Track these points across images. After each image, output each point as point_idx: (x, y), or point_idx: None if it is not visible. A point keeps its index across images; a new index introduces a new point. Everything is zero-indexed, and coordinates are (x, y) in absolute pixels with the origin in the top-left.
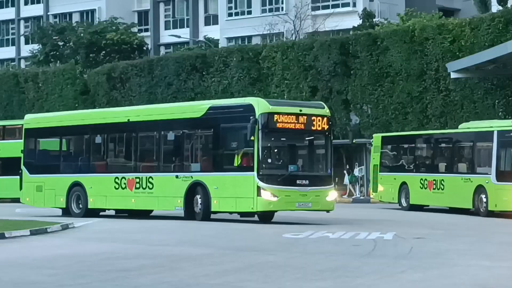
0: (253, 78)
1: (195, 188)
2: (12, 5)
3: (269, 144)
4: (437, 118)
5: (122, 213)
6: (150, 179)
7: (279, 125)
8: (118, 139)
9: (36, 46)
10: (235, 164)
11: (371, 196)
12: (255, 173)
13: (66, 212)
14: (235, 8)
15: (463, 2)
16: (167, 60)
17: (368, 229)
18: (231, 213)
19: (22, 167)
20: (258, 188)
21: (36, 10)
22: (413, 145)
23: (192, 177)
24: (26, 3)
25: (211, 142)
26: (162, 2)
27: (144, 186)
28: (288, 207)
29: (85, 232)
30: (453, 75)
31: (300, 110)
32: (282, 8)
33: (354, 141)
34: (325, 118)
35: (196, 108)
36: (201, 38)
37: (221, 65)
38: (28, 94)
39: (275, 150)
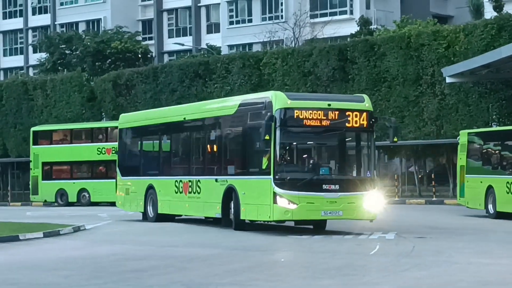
0: (254, 84)
1: (230, 193)
2: (20, 15)
3: (288, 144)
4: (433, 121)
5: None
6: (198, 183)
7: (300, 122)
8: (177, 138)
9: (44, 55)
10: (263, 166)
11: (458, 201)
12: (271, 177)
13: (145, 217)
14: (236, 16)
15: (456, 9)
16: (171, 67)
17: (370, 230)
18: (266, 221)
19: (117, 169)
20: (274, 194)
21: (44, 20)
22: (499, 142)
23: (227, 181)
24: (34, 13)
25: (241, 142)
26: (166, 11)
27: (194, 191)
28: (311, 216)
29: (96, 234)
30: (448, 80)
31: (329, 105)
32: (282, 16)
33: None
34: (364, 113)
35: (229, 104)
36: (203, 45)
37: (223, 71)
38: (37, 101)
39: (296, 151)
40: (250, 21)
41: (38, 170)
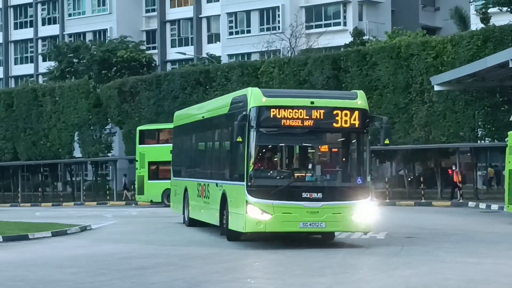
0: None
1: (225, 200)
2: (31, 26)
3: (263, 147)
4: (422, 127)
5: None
6: (208, 187)
7: (277, 122)
8: (197, 138)
9: (52, 63)
10: (240, 171)
11: (507, 209)
12: (244, 183)
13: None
14: (236, 27)
15: (444, 21)
16: (173, 75)
17: None
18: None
19: (171, 169)
20: (246, 202)
21: (53, 30)
22: None
23: (222, 186)
24: (43, 24)
25: (230, 143)
26: (169, 22)
27: (205, 195)
28: (288, 227)
29: (101, 234)
30: (436, 88)
31: (312, 103)
32: (279, 27)
33: None
34: (356, 112)
35: (224, 102)
36: (204, 55)
37: (223, 79)
38: (46, 107)
39: (274, 155)
40: (248, 31)
41: (144, 170)
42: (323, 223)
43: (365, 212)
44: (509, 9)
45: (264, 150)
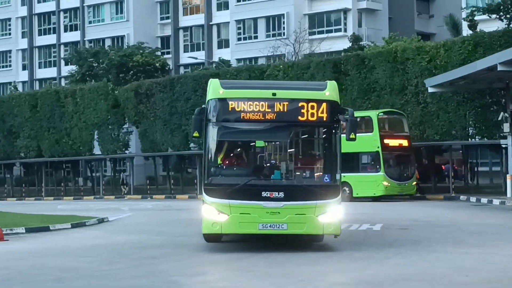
0: None
1: None
2: (54, 32)
3: (222, 143)
4: (417, 126)
5: None
6: None
7: (236, 116)
8: None
9: (74, 67)
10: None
11: None
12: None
13: None
14: (244, 33)
15: (438, 27)
16: (186, 78)
17: (359, 221)
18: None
19: None
20: (203, 202)
21: (74, 36)
22: None
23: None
24: (65, 30)
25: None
26: (182, 29)
27: None
28: (246, 229)
29: (117, 226)
30: (430, 90)
31: (274, 94)
32: (284, 33)
33: None
34: (324, 104)
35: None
36: (215, 59)
37: None
38: (68, 108)
39: (233, 151)
40: (256, 37)
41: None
42: (284, 224)
43: (333, 213)
44: (497, 16)
45: (222, 146)
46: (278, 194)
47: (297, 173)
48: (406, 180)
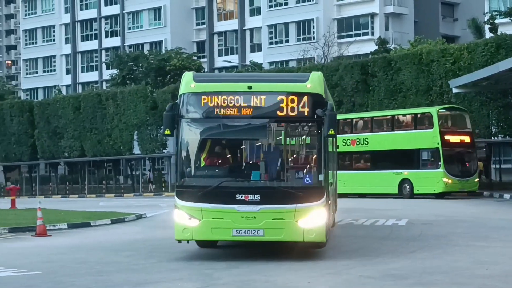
0: None
1: None
2: (95, 38)
3: (193, 141)
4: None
5: None
6: None
7: (209, 111)
8: None
9: (114, 71)
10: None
11: None
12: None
13: None
14: (275, 37)
15: (462, 30)
16: None
17: (386, 217)
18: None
19: None
20: (175, 207)
21: (115, 42)
22: None
23: None
24: (106, 36)
25: None
26: (216, 34)
27: None
28: (219, 235)
29: (155, 221)
30: (454, 90)
31: (250, 87)
32: (314, 37)
33: None
34: (305, 97)
35: None
36: (248, 62)
37: None
38: (109, 109)
39: (206, 150)
40: (287, 41)
41: None
42: (260, 230)
43: (315, 217)
44: None
45: (193, 145)
46: (254, 197)
47: (275, 174)
48: (467, 176)
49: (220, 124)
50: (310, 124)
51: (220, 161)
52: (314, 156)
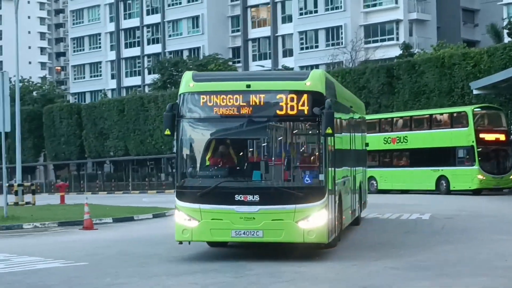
0: None
1: None
2: (138, 45)
3: (193, 141)
4: None
5: None
6: None
7: (209, 111)
8: None
9: (156, 76)
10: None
11: None
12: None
13: None
14: (306, 43)
15: (482, 35)
16: None
17: (410, 211)
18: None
19: None
20: (175, 207)
21: (156, 48)
22: None
23: None
24: (148, 43)
25: None
26: (250, 40)
27: None
28: (218, 236)
29: None
30: (475, 92)
31: (248, 86)
32: (342, 42)
33: None
34: (305, 96)
35: None
36: (280, 67)
37: None
38: (151, 112)
39: (206, 150)
40: (316, 47)
41: None
42: (260, 231)
43: (316, 218)
44: None
45: (193, 145)
46: (253, 198)
47: (275, 173)
48: (502, 173)
49: (219, 123)
50: (310, 122)
51: (219, 161)
52: (315, 156)
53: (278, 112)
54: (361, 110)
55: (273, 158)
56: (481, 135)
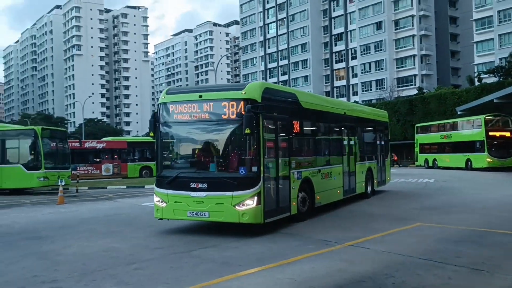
0: None
1: None
2: None
3: (167, 141)
4: None
5: None
6: None
7: (176, 117)
8: None
9: None
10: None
11: None
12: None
13: None
14: (365, 88)
15: (462, 81)
16: None
17: (422, 177)
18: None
19: None
20: (155, 193)
21: None
22: None
23: None
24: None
25: None
26: (335, 88)
27: None
28: (178, 215)
29: None
30: (459, 113)
31: (200, 96)
32: (384, 87)
33: None
34: (242, 102)
35: None
36: (352, 101)
37: None
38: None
39: (174, 148)
40: (371, 90)
41: (417, 148)
42: (206, 212)
43: (249, 203)
44: (493, 75)
45: (165, 144)
46: (202, 185)
47: (219, 166)
48: (506, 157)
49: (182, 126)
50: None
51: (183, 156)
52: (249, 151)
53: (223, 116)
54: (361, 113)
55: (220, 154)
56: (491, 133)
